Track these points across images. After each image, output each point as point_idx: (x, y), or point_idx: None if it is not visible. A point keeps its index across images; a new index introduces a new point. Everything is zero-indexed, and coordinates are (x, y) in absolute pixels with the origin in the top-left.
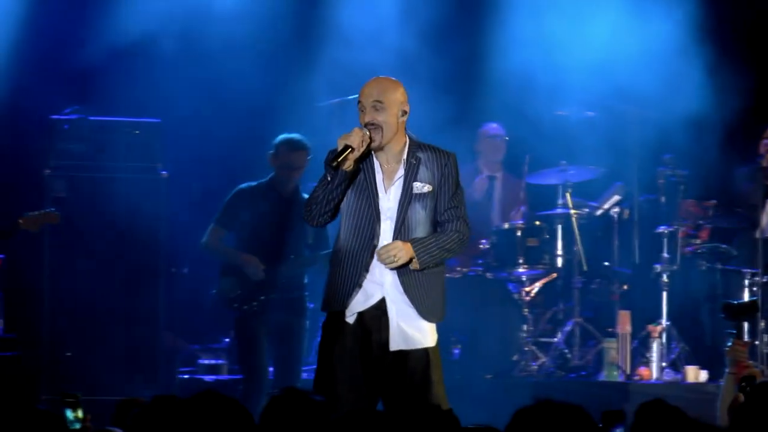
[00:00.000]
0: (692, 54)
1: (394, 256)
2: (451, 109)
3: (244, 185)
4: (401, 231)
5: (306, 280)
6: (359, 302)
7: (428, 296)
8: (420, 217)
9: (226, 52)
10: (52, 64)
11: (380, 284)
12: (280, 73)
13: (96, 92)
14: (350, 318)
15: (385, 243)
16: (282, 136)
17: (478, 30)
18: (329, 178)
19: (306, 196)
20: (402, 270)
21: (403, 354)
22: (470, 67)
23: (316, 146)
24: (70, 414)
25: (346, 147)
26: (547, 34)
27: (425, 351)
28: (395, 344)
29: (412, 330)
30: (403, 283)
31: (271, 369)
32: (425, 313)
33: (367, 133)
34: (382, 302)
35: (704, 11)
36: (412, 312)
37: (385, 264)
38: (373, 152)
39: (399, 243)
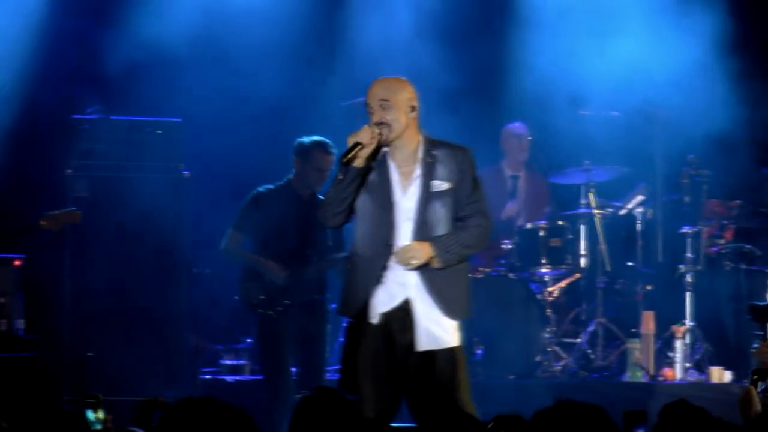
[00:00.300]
0: (718, 64)
1: (411, 257)
2: (474, 110)
3: (261, 188)
4: (421, 231)
5: (327, 283)
6: (383, 303)
7: (453, 294)
8: (440, 215)
9: (248, 52)
10: (75, 64)
11: (403, 284)
12: (301, 74)
13: (118, 92)
14: (374, 319)
15: (405, 244)
16: (311, 139)
17: (502, 38)
18: (341, 177)
19: (322, 197)
20: (425, 268)
21: (429, 354)
22: (494, 71)
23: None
24: (91, 415)
25: (356, 144)
26: (571, 47)
27: (451, 350)
28: (421, 344)
29: (438, 329)
30: (426, 282)
31: (294, 369)
32: (450, 311)
33: (377, 129)
34: (407, 303)
35: (730, 21)
36: (437, 311)
37: (403, 266)
38: (388, 153)
39: (415, 244)
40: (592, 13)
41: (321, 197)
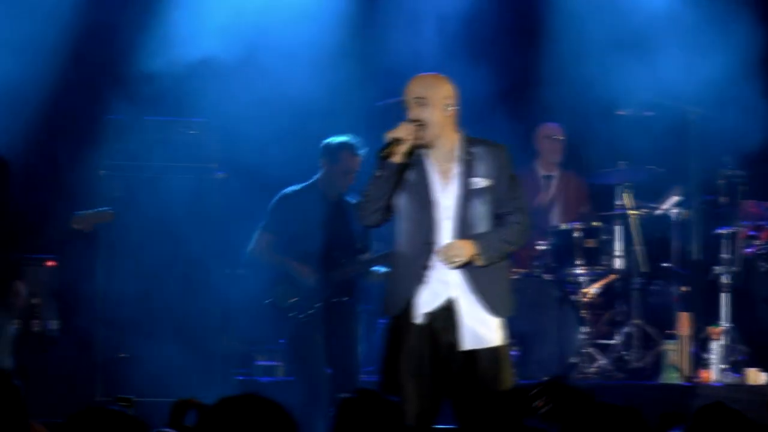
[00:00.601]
0: (755, 69)
1: (455, 255)
2: (508, 110)
3: (288, 190)
4: (462, 228)
5: (356, 285)
6: (426, 302)
7: (496, 291)
8: (480, 212)
9: (283, 54)
10: (108, 65)
11: (446, 283)
12: (335, 76)
13: (151, 92)
14: (417, 319)
15: (446, 242)
16: (338, 140)
17: (536, 41)
18: (380, 173)
19: (349, 199)
20: (467, 266)
21: (473, 354)
22: (529, 72)
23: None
24: None
25: (395, 139)
26: (608, 50)
27: (495, 350)
28: (466, 344)
29: (482, 328)
30: (469, 280)
31: (328, 371)
32: (494, 309)
33: (415, 126)
34: (450, 302)
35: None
36: (480, 309)
37: (447, 264)
38: (425, 152)
39: (458, 242)
40: (627, 19)
41: (348, 199)
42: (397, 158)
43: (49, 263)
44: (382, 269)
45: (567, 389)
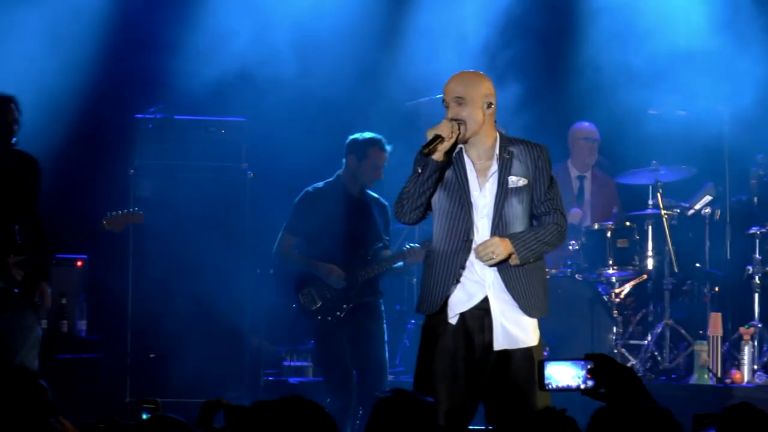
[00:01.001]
0: None
1: (493, 252)
2: (539, 108)
3: (310, 188)
4: (498, 227)
5: (379, 282)
6: (461, 302)
7: (531, 291)
8: (517, 211)
9: (313, 56)
10: (138, 64)
11: (481, 283)
12: (364, 75)
13: (182, 92)
14: (453, 319)
15: (483, 240)
16: (365, 136)
17: (567, 38)
18: (420, 170)
19: (372, 194)
20: (503, 266)
21: (507, 354)
22: (559, 71)
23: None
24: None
25: (436, 136)
26: (638, 48)
27: (529, 350)
28: (499, 344)
29: (516, 329)
30: (504, 279)
31: (355, 371)
32: (529, 309)
33: (456, 124)
34: (485, 301)
35: None
36: (515, 309)
37: (484, 261)
38: (464, 150)
39: (496, 239)
40: (656, 16)
41: (370, 193)
42: (437, 156)
43: (79, 263)
44: (401, 264)
45: (613, 365)
